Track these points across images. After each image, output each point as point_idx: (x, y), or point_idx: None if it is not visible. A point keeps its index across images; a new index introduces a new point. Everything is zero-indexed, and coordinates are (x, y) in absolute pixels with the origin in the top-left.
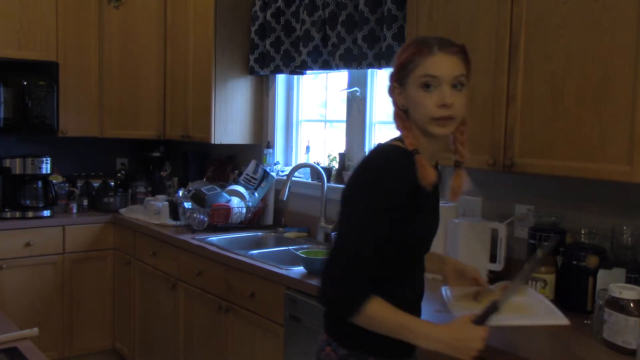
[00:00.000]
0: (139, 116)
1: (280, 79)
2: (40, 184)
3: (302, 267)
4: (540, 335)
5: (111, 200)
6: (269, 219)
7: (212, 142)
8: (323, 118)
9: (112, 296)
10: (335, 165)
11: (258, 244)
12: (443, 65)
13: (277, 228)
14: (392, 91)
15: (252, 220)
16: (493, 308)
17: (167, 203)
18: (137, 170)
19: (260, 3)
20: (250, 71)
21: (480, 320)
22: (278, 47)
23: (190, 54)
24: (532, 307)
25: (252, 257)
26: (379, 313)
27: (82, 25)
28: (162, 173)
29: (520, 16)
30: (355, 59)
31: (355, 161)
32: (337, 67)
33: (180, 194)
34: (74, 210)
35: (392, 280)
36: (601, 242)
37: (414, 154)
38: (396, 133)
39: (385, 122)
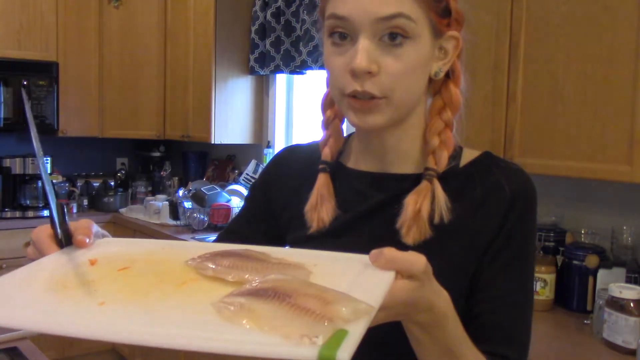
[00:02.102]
0: (139, 116)
1: (280, 78)
2: (40, 183)
3: None
4: (540, 335)
5: (111, 200)
6: None
7: (212, 142)
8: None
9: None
10: None
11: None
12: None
13: None
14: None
15: None
16: None
17: (167, 203)
18: (137, 170)
19: (260, 3)
20: (250, 71)
21: None
22: (278, 47)
23: (190, 54)
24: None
25: None
26: None
27: (82, 25)
28: (162, 173)
29: (520, 16)
30: None
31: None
32: None
33: (180, 194)
34: (74, 210)
35: None
36: (601, 242)
37: (322, 171)
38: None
39: None
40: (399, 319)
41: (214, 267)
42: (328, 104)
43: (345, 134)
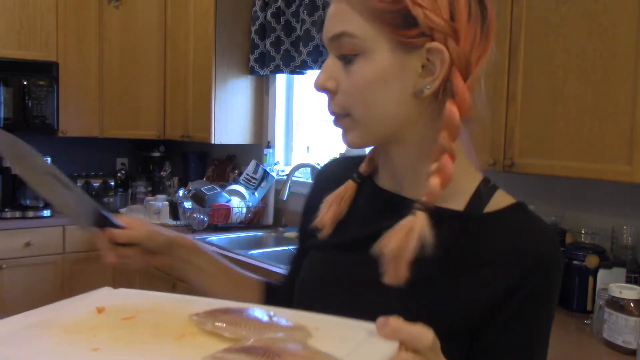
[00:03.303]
0: (139, 116)
1: (280, 79)
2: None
3: None
4: None
5: (111, 200)
6: (269, 219)
7: (212, 142)
8: (323, 118)
9: None
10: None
11: (258, 244)
12: (327, 18)
13: (277, 228)
14: None
15: (252, 220)
16: None
17: (167, 203)
18: (137, 170)
19: (260, 3)
20: (250, 71)
21: None
22: (278, 47)
23: (190, 54)
24: None
25: (252, 257)
26: None
27: (82, 25)
28: (162, 173)
29: (520, 16)
30: None
31: None
32: None
33: (180, 194)
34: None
35: None
36: (601, 242)
37: (352, 178)
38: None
39: None
40: None
41: (213, 322)
42: None
43: None
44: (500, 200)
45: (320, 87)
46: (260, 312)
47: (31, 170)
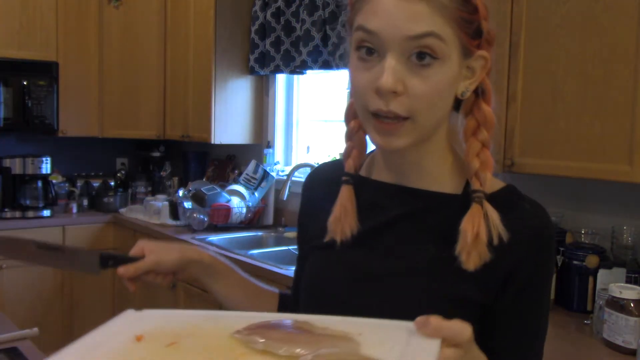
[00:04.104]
0: (139, 116)
1: (280, 79)
2: (40, 183)
3: None
4: None
5: (111, 200)
6: (269, 219)
7: (212, 142)
8: (323, 118)
9: (112, 296)
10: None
11: (258, 244)
12: (386, 12)
13: (277, 228)
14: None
15: (252, 220)
16: None
17: (167, 203)
18: (137, 170)
19: (260, 3)
20: (250, 71)
21: None
22: (278, 47)
23: (190, 54)
24: None
25: (252, 257)
26: None
27: (82, 25)
28: (162, 173)
29: (520, 16)
30: None
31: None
32: (337, 67)
33: (180, 194)
34: (74, 210)
35: None
36: (601, 242)
37: (345, 183)
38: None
39: None
40: None
41: (263, 340)
42: (352, 115)
43: (368, 146)
44: (494, 184)
45: (390, 88)
46: (302, 324)
47: (24, 252)
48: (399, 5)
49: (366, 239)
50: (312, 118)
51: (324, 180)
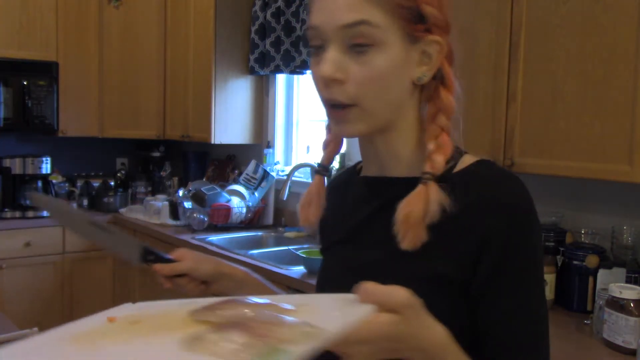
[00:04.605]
0: (139, 116)
1: (280, 79)
2: (40, 184)
3: (302, 267)
4: None
5: (111, 200)
6: (269, 219)
7: (212, 142)
8: (323, 118)
9: (112, 296)
10: (336, 165)
11: (258, 244)
12: (325, 6)
13: (277, 228)
14: None
15: (252, 220)
16: None
17: (167, 203)
18: (137, 170)
19: (260, 3)
20: (250, 71)
21: None
22: (278, 47)
23: (190, 54)
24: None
25: (252, 257)
26: None
27: (82, 25)
28: (162, 173)
29: (520, 16)
30: None
31: (355, 160)
32: None
33: (180, 194)
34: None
35: None
36: (601, 242)
37: (317, 172)
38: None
39: None
40: (390, 355)
41: (206, 312)
42: None
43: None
44: (468, 159)
45: (329, 77)
46: (257, 299)
47: (76, 223)
48: None
49: (356, 234)
50: (312, 118)
51: (337, 188)
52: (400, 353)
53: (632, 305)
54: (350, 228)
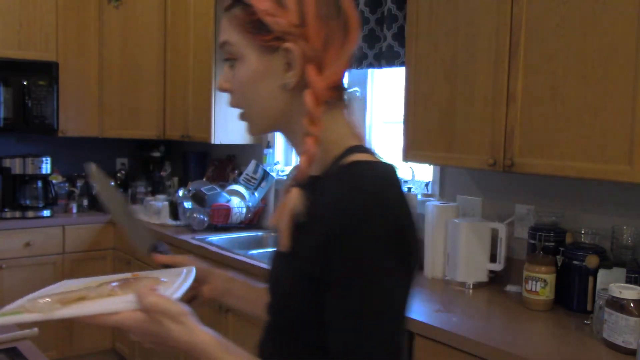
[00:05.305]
0: (139, 116)
1: None
2: (40, 184)
3: None
4: (540, 335)
5: None
6: (269, 219)
7: (212, 142)
8: None
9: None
10: None
11: (258, 244)
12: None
13: None
14: None
15: (252, 220)
16: None
17: (167, 203)
18: (137, 170)
19: None
20: None
21: None
22: None
23: (190, 54)
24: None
25: (252, 257)
26: None
27: (82, 25)
28: (162, 173)
29: (520, 16)
30: (355, 59)
31: None
32: None
33: (180, 194)
34: (74, 210)
35: None
36: (601, 242)
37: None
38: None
39: (386, 122)
40: (161, 346)
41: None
42: None
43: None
44: (349, 159)
45: (219, 88)
46: (146, 274)
47: (117, 207)
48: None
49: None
50: None
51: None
52: (163, 345)
53: (632, 305)
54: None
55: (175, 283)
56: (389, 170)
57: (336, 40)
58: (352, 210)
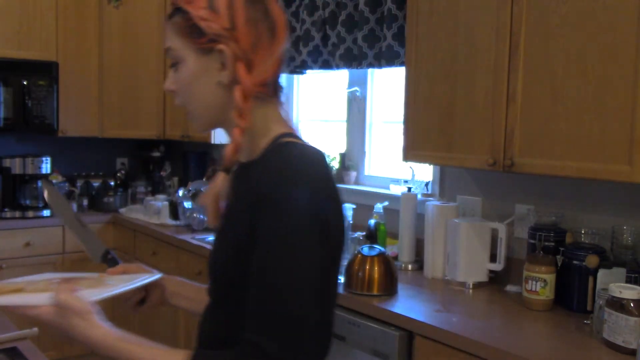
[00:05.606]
0: (139, 116)
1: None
2: (40, 184)
3: None
4: (540, 335)
5: (111, 200)
6: None
7: (212, 142)
8: (323, 118)
9: (112, 296)
10: (336, 165)
11: None
12: None
13: None
14: None
15: None
16: None
17: (167, 203)
18: (137, 170)
19: None
20: None
21: None
22: None
23: None
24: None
25: None
26: None
27: (82, 25)
28: (162, 173)
29: (520, 16)
30: (355, 59)
31: (355, 160)
32: (337, 67)
33: (180, 194)
34: (74, 210)
35: None
36: (601, 242)
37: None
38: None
39: (386, 122)
40: (65, 338)
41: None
42: None
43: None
44: (274, 145)
45: (165, 89)
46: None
47: (67, 217)
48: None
49: None
50: (312, 118)
51: None
52: (73, 339)
53: (632, 305)
54: None
55: (112, 287)
56: (316, 153)
57: (264, 41)
58: (276, 180)
